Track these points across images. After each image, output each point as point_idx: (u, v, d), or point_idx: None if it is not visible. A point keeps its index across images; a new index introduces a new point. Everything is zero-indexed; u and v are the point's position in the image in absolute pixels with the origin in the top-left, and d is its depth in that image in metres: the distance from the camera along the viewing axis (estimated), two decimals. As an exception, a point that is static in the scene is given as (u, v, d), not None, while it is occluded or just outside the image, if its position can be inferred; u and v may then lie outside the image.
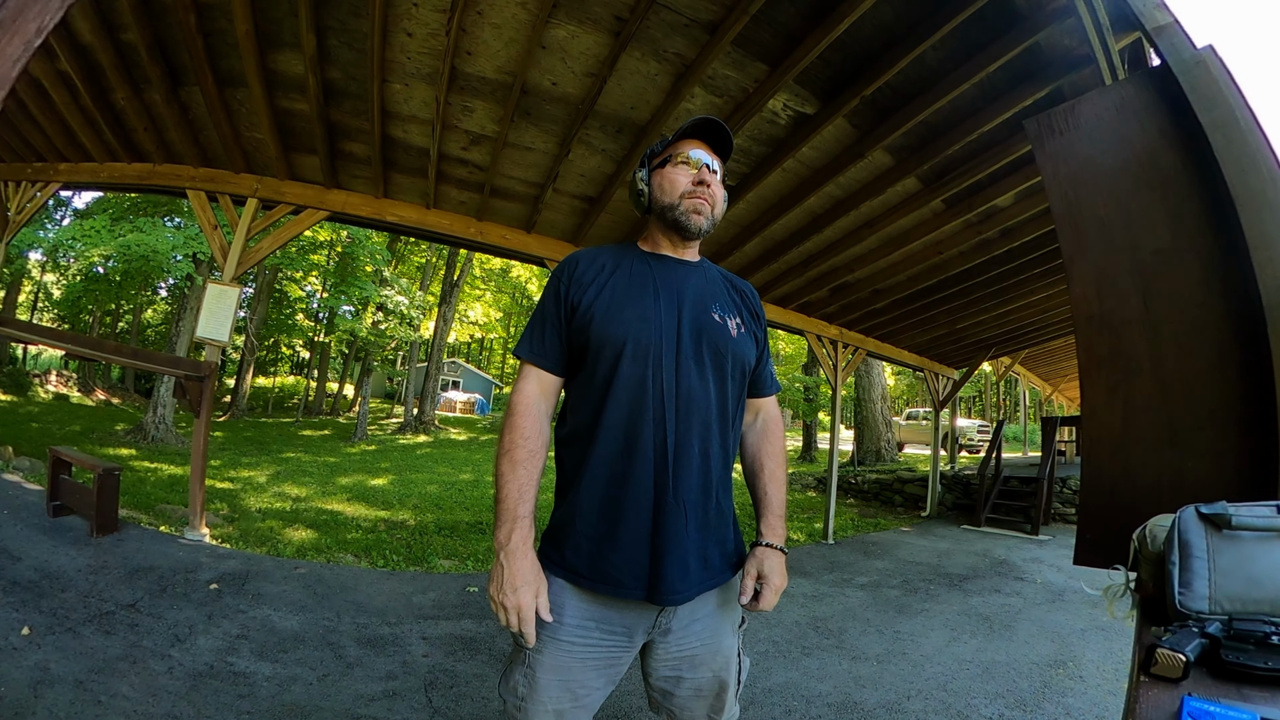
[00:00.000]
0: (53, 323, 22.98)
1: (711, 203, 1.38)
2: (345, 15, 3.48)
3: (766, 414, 1.51)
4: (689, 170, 1.37)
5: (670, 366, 1.25)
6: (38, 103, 5.03)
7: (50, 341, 5.05)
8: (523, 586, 1.14)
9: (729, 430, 1.33)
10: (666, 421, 1.23)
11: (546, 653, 1.20)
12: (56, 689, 2.35)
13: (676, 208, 1.37)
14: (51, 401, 16.56)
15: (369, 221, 5.61)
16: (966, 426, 19.64)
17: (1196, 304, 1.79)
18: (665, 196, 1.38)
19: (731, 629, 1.34)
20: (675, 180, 1.37)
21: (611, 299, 1.30)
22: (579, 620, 1.22)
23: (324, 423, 21.48)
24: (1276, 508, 1.12)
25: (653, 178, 1.42)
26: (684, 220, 1.37)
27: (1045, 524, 8.78)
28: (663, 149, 1.43)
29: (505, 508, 1.20)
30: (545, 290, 1.38)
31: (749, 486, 1.44)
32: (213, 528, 5.30)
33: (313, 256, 17.59)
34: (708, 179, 1.37)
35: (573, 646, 1.21)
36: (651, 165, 1.44)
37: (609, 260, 1.39)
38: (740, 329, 1.38)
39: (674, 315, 1.30)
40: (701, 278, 1.41)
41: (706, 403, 1.27)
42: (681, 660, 1.29)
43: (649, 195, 1.42)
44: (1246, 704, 0.83)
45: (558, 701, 1.21)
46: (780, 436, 1.49)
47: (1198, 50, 1.90)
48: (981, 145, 4.08)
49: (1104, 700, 3.17)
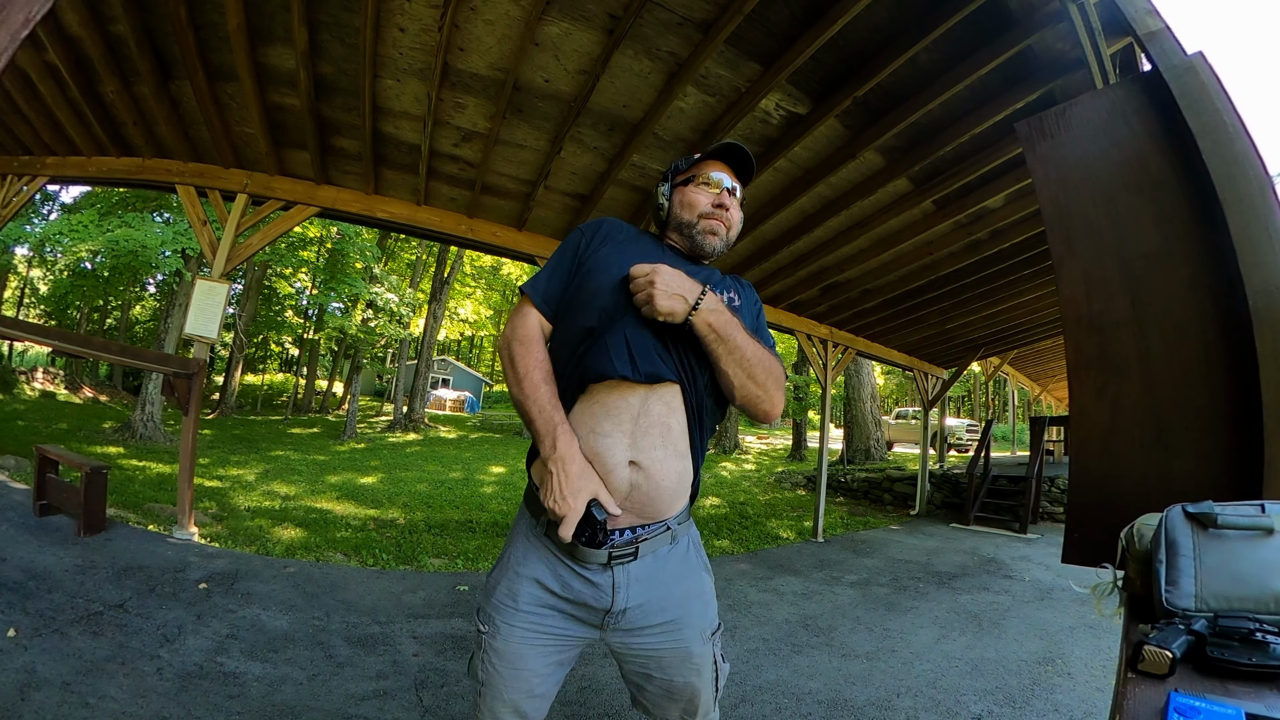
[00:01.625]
0: (39, 319, 22.76)
1: (728, 225, 1.42)
2: (338, 10, 3.46)
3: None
4: (710, 191, 1.41)
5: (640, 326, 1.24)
6: (24, 95, 4.96)
7: (37, 338, 4.99)
8: (582, 491, 1.15)
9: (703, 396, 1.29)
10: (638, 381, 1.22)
11: (500, 637, 1.24)
12: (43, 691, 2.33)
13: (694, 226, 1.40)
14: (38, 399, 16.37)
15: (359, 218, 5.57)
16: (955, 426, 19.77)
17: (1184, 306, 1.82)
18: (685, 213, 1.42)
19: (700, 636, 1.32)
20: (696, 200, 1.40)
21: (620, 258, 1.31)
22: (533, 607, 1.24)
23: (313, 420, 21.34)
24: (1261, 507, 1.14)
25: (674, 194, 1.45)
26: (699, 239, 1.40)
27: (1033, 523, 8.84)
28: (687, 167, 1.46)
29: (541, 420, 1.19)
30: (567, 240, 1.39)
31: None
32: (201, 526, 5.26)
33: (302, 253, 17.48)
34: (727, 202, 1.41)
35: (526, 633, 1.24)
36: (674, 181, 1.47)
37: (635, 233, 1.43)
38: (733, 302, 1.40)
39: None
40: (706, 272, 1.42)
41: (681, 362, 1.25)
42: (648, 659, 1.30)
43: (668, 211, 1.46)
44: (1231, 699, 0.85)
45: (512, 688, 1.25)
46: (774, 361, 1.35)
47: (1188, 56, 1.92)
48: (973, 147, 4.11)
49: (1092, 697, 3.20)
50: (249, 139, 4.76)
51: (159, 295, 23.40)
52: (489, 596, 1.30)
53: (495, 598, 1.28)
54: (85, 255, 12.00)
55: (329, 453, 13.48)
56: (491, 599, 1.29)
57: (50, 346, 5.52)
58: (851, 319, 8.32)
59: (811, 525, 7.86)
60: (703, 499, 10.30)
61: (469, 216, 5.60)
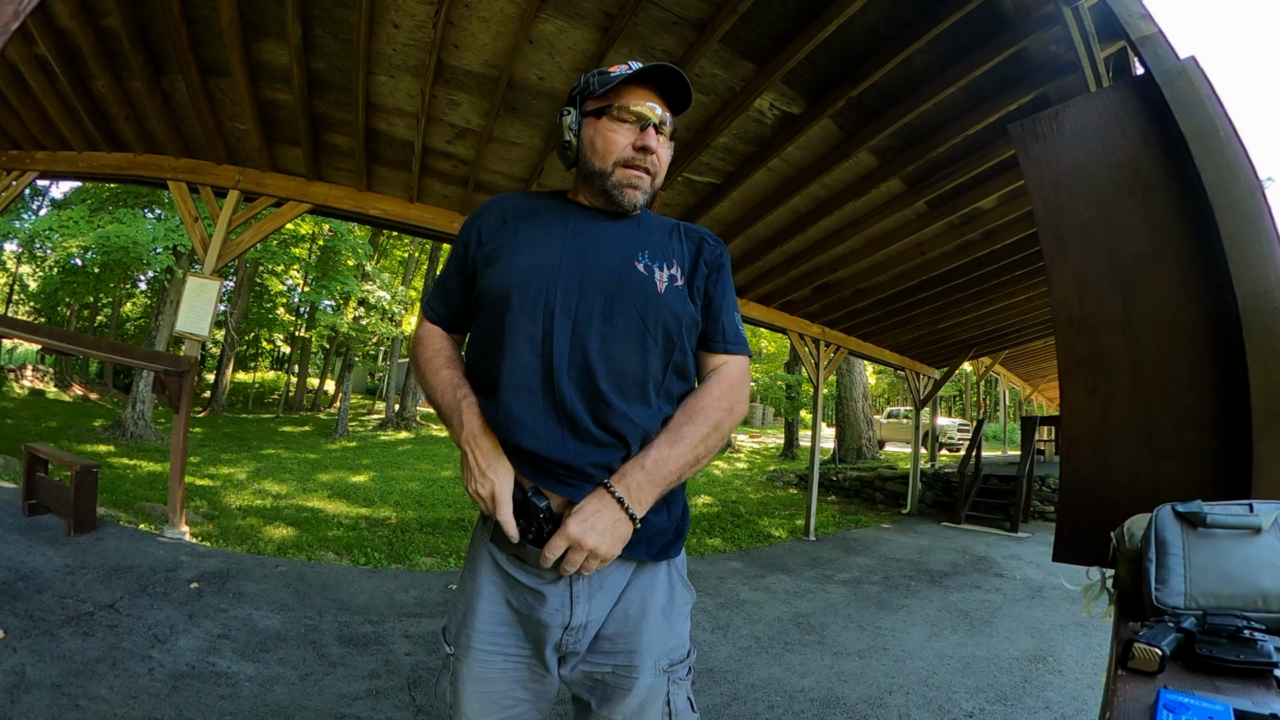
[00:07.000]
0: (29, 316, 22.53)
1: (653, 173, 1.14)
2: (331, 5, 3.45)
3: (716, 373, 1.16)
4: (631, 130, 1.11)
5: (565, 327, 1.04)
6: (14, 89, 4.91)
7: (26, 335, 4.93)
8: (495, 463, 1.02)
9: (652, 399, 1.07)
10: (561, 394, 1.02)
11: (463, 661, 1.09)
12: (33, 693, 2.31)
13: (608, 176, 1.12)
14: (27, 397, 16.22)
15: (351, 215, 5.56)
16: (947, 425, 19.82)
17: (1175, 307, 1.84)
18: (596, 159, 1.12)
19: (653, 663, 1.08)
20: (612, 139, 1.11)
21: (513, 246, 1.12)
22: (492, 626, 1.08)
23: (304, 419, 21.22)
24: (1249, 506, 1.15)
25: (584, 127, 1.14)
26: (615, 194, 1.13)
27: (1024, 521, 8.90)
28: (602, 90, 1.12)
29: (445, 404, 1.10)
30: (457, 237, 1.22)
31: None
32: (193, 525, 5.22)
33: (294, 250, 17.40)
34: (652, 144, 1.11)
35: (489, 655, 1.08)
36: (584, 109, 1.15)
37: (527, 205, 1.19)
38: (674, 282, 1.12)
39: (579, 266, 1.08)
40: (632, 226, 1.17)
41: (617, 373, 1.04)
42: (594, 684, 1.10)
43: (575, 150, 1.16)
44: (1220, 695, 0.86)
45: (482, 715, 1.08)
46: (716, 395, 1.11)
47: (1180, 61, 1.94)
48: (966, 148, 4.13)
49: (1083, 694, 3.22)
50: (241, 135, 4.73)
51: (150, 292, 23.21)
52: (452, 614, 1.15)
53: (456, 615, 1.13)
54: (75, 251, 11.89)
55: (320, 451, 13.42)
56: (454, 616, 1.14)
57: (40, 344, 5.47)
58: (844, 319, 8.35)
59: (803, 524, 7.89)
60: (694, 497, 10.31)
61: (462, 214, 5.58)
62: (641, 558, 1.09)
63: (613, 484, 1.00)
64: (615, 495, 1.00)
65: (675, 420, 1.07)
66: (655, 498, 1.03)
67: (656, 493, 1.02)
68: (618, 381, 1.04)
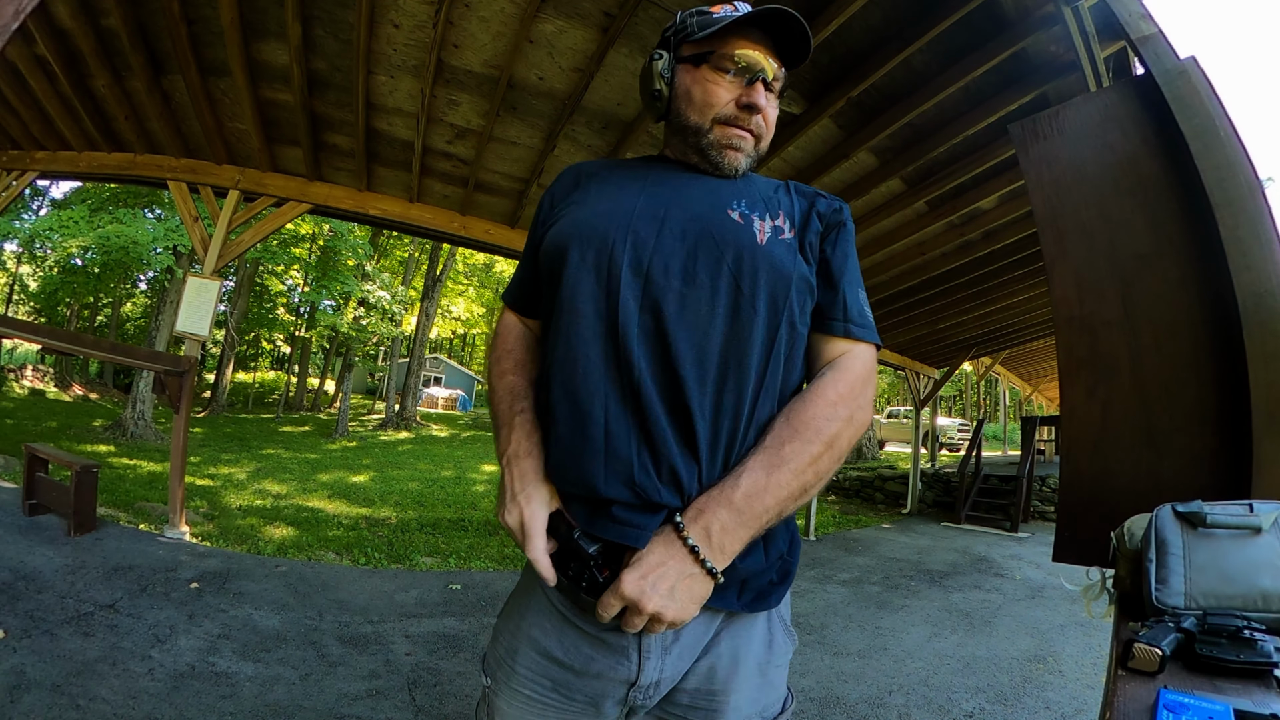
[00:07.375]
0: (29, 316, 22.53)
1: (759, 135, 0.98)
2: (332, 5, 3.45)
3: (832, 366, 0.91)
4: (735, 83, 0.94)
5: (634, 287, 0.83)
6: (14, 89, 4.91)
7: (26, 335, 4.93)
8: (529, 487, 0.83)
9: (748, 392, 0.83)
10: (635, 372, 0.80)
11: (502, 698, 0.91)
12: (33, 694, 2.31)
13: (705, 133, 0.95)
14: (27, 397, 16.24)
15: (351, 215, 5.56)
16: (947, 425, 19.83)
17: (1175, 307, 1.84)
18: (693, 113, 0.96)
19: (755, 712, 0.91)
20: (713, 93, 0.94)
21: (580, 201, 0.96)
22: (537, 674, 0.89)
23: (304, 419, 21.24)
24: (1249, 506, 1.15)
25: (679, 74, 0.98)
26: (712, 154, 0.96)
27: (1024, 521, 8.91)
28: (703, 34, 0.94)
29: (500, 417, 0.93)
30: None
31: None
32: (193, 525, 5.22)
33: (294, 250, 17.43)
34: (760, 101, 0.93)
35: (530, 700, 0.89)
36: (679, 53, 0.98)
37: (605, 165, 1.05)
38: (780, 234, 0.91)
39: (654, 213, 0.89)
40: (729, 180, 0.98)
41: (698, 348, 0.82)
42: None
43: (668, 101, 0.99)
44: (1220, 695, 0.86)
45: None
46: (832, 398, 0.86)
47: (1180, 60, 1.94)
48: (966, 148, 4.13)
49: (1083, 694, 3.23)
50: (242, 135, 4.73)
51: (150, 292, 23.22)
52: (495, 640, 0.97)
53: (496, 651, 0.95)
54: (75, 251, 11.92)
55: (320, 451, 13.43)
56: (494, 650, 0.96)
57: (40, 344, 5.47)
58: (845, 318, 8.32)
59: (804, 523, 7.89)
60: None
61: (462, 214, 5.59)
62: (733, 608, 0.87)
63: (685, 525, 0.77)
64: (688, 542, 0.76)
65: (776, 432, 0.82)
66: (744, 543, 0.79)
67: (746, 536, 0.78)
68: (699, 359, 0.81)
